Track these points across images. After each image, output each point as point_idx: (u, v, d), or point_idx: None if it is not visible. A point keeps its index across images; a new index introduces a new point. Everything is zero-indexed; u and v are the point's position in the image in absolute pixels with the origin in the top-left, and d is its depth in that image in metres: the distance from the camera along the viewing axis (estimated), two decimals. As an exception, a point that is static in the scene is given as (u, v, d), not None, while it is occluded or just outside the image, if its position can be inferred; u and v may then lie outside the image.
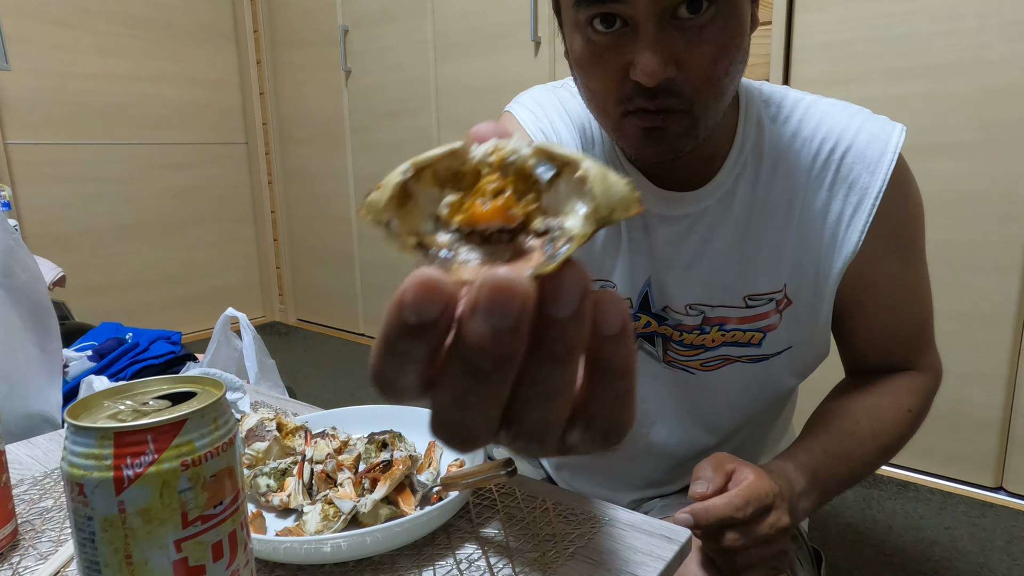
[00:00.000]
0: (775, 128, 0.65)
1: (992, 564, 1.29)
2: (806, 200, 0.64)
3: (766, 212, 0.65)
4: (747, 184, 0.65)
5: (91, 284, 2.67)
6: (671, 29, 0.52)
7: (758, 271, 0.66)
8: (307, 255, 3.15)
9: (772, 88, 0.68)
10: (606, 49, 0.54)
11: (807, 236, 0.64)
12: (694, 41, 0.53)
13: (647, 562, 0.47)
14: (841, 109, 0.66)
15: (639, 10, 0.51)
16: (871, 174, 0.62)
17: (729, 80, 0.56)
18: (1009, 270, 1.44)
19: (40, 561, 0.48)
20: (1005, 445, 1.51)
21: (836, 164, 0.63)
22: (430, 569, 0.47)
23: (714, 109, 0.57)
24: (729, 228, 0.65)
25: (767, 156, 0.64)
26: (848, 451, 0.65)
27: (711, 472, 0.58)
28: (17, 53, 2.42)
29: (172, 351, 1.26)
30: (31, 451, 0.67)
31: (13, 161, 2.45)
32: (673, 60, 0.53)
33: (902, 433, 0.67)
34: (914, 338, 0.70)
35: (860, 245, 0.63)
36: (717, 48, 0.53)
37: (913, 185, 0.66)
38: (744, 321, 0.67)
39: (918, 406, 0.68)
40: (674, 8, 0.51)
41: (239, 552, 0.34)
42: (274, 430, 0.62)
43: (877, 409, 0.66)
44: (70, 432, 0.30)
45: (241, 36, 3.05)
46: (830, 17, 1.57)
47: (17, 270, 0.85)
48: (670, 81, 0.53)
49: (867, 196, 0.62)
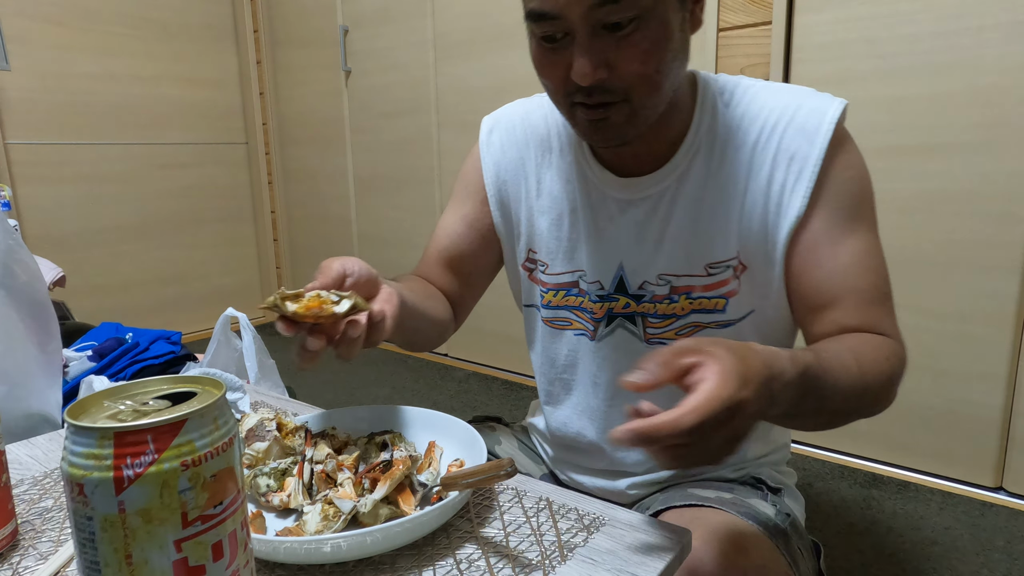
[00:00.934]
0: (727, 112, 0.72)
1: (992, 564, 1.29)
2: (752, 173, 0.70)
3: (718, 187, 0.71)
4: (701, 163, 0.72)
5: (91, 284, 2.67)
6: (602, 38, 0.61)
7: (715, 240, 0.72)
8: (307, 255, 3.15)
9: (727, 78, 0.75)
10: (552, 53, 0.64)
11: (755, 206, 0.70)
12: (622, 47, 0.61)
13: (647, 562, 0.47)
14: (786, 90, 0.71)
15: (573, 23, 0.60)
16: (810, 144, 0.67)
17: (663, 76, 0.64)
18: (1009, 270, 1.44)
19: (40, 561, 0.48)
20: (1005, 445, 1.51)
21: (779, 138, 0.69)
22: (430, 569, 0.47)
23: (652, 101, 0.65)
24: (687, 203, 0.72)
25: (719, 137, 0.71)
26: (835, 369, 0.58)
27: (656, 366, 0.46)
28: (17, 53, 2.42)
29: (172, 351, 1.26)
30: (31, 451, 0.67)
31: (13, 161, 2.45)
32: (604, 64, 0.62)
33: (881, 380, 0.63)
34: (869, 305, 0.69)
35: (803, 210, 0.67)
36: (643, 52, 0.61)
37: (856, 156, 0.69)
38: (708, 288, 0.73)
39: (894, 362, 0.65)
40: (603, 21, 0.60)
41: (239, 552, 0.34)
42: (274, 430, 0.62)
43: (859, 347, 0.64)
44: (70, 432, 0.30)
45: (241, 36, 3.05)
46: (830, 17, 1.57)
47: (17, 270, 0.85)
48: (603, 81, 0.62)
49: (807, 164, 0.67)
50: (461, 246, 0.86)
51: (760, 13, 1.67)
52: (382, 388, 2.35)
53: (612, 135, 0.67)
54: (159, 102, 2.82)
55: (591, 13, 0.59)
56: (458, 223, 0.86)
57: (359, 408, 0.69)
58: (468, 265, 0.86)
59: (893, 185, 1.55)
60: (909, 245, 1.55)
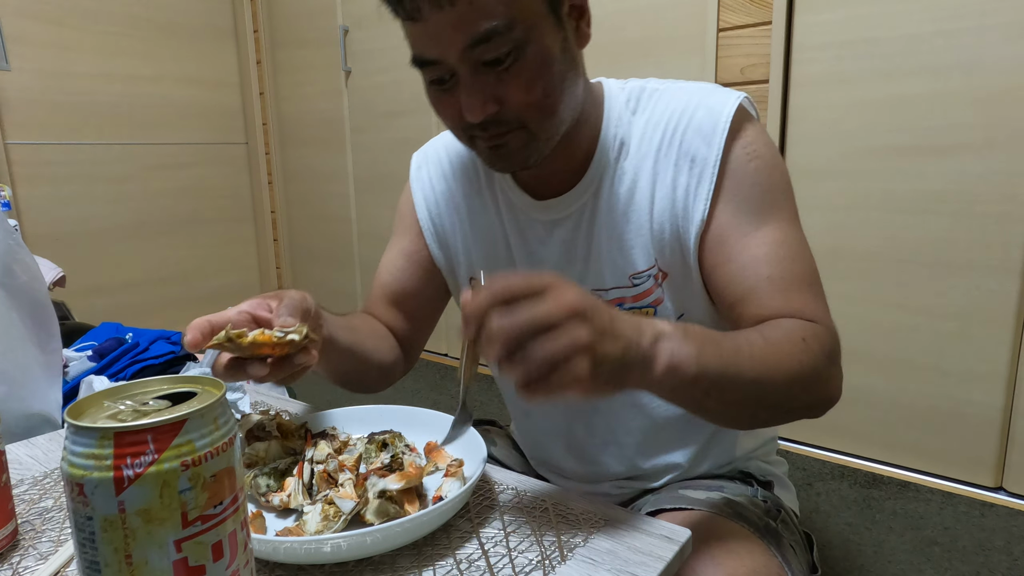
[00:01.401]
0: (634, 119, 0.72)
1: (992, 564, 1.29)
2: (659, 179, 0.70)
3: (631, 197, 0.71)
4: (612, 175, 0.72)
5: (91, 284, 2.67)
6: (485, 74, 0.61)
7: (635, 251, 0.72)
8: (307, 255, 3.15)
9: (636, 84, 0.75)
10: (444, 94, 0.65)
11: (664, 212, 0.70)
12: (505, 80, 0.61)
13: (647, 562, 0.47)
14: (686, 91, 0.71)
15: (454, 65, 0.61)
16: (708, 145, 0.67)
17: (554, 99, 0.64)
18: (1009, 270, 1.44)
19: (40, 561, 0.48)
20: (1005, 445, 1.51)
21: (679, 141, 0.68)
22: (430, 569, 0.47)
23: (549, 124, 0.65)
24: (605, 217, 0.72)
25: (626, 146, 0.72)
26: (734, 337, 0.57)
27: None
28: (17, 53, 2.42)
29: (172, 351, 1.26)
30: (31, 451, 0.67)
31: (13, 161, 2.45)
32: (492, 99, 0.62)
33: (801, 359, 0.58)
34: (787, 292, 0.65)
35: (706, 212, 0.67)
36: (527, 82, 0.62)
37: (761, 146, 0.68)
38: (636, 299, 0.73)
39: (813, 344, 0.60)
40: (481, 59, 0.60)
41: (239, 552, 0.34)
42: (274, 430, 0.62)
43: (767, 327, 0.61)
44: (70, 432, 0.30)
45: (241, 36, 3.05)
46: (830, 17, 1.57)
47: (17, 270, 0.85)
48: (495, 114, 0.63)
49: (707, 166, 0.67)
50: (403, 281, 0.86)
51: (760, 13, 1.67)
52: (382, 388, 2.34)
53: (513, 161, 0.67)
54: (159, 102, 2.82)
55: (467, 54, 0.60)
56: (398, 258, 0.86)
57: (359, 408, 0.69)
58: (412, 300, 0.86)
59: (893, 185, 1.55)
60: (909, 245, 1.55)
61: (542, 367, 0.44)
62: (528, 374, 0.44)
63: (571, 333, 0.44)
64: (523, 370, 0.44)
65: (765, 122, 1.70)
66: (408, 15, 0.61)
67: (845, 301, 1.65)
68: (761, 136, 0.69)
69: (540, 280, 0.46)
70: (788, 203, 0.69)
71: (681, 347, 0.50)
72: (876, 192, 1.57)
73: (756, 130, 0.69)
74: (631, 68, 1.89)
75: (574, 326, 0.45)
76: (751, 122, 0.69)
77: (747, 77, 1.72)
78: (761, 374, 0.55)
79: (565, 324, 0.44)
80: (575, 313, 0.45)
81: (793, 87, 1.65)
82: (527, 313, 0.44)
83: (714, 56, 1.75)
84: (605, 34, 1.92)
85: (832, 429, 1.73)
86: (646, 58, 1.87)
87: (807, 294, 0.65)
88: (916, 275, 1.54)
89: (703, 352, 0.51)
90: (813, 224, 1.67)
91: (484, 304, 0.45)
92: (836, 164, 1.62)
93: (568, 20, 0.65)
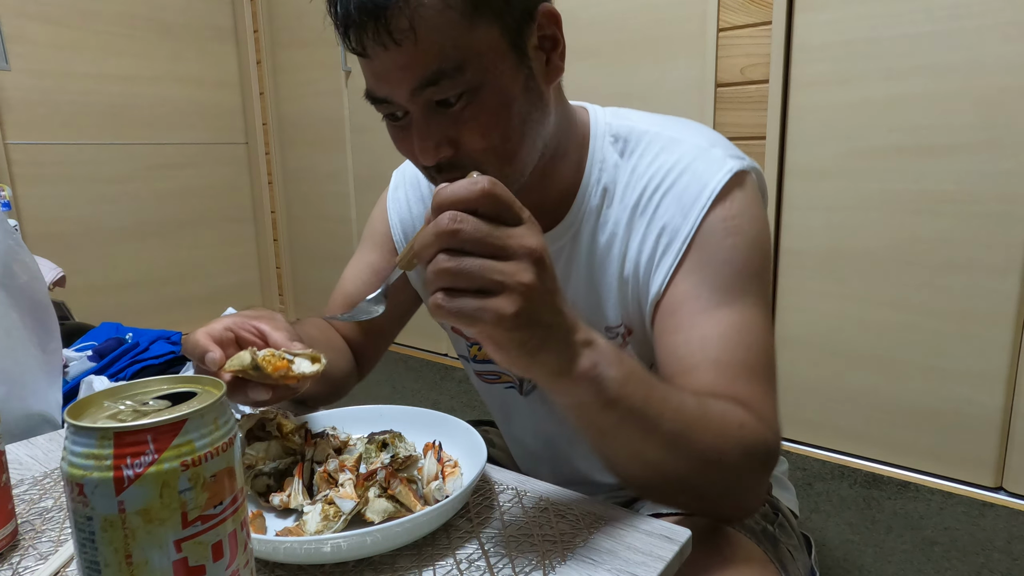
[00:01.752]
0: (621, 163, 0.67)
1: (992, 564, 1.29)
2: (629, 237, 0.66)
3: (607, 248, 0.67)
4: (591, 221, 0.68)
5: (91, 284, 2.67)
6: (438, 115, 0.57)
7: (608, 304, 0.68)
8: (307, 255, 3.15)
9: (622, 123, 0.69)
10: (400, 130, 0.61)
11: (630, 272, 0.66)
12: (460, 123, 0.57)
13: (647, 562, 0.47)
14: (680, 144, 0.65)
15: (405, 105, 0.57)
16: (683, 217, 0.62)
17: (513, 144, 0.59)
18: (1009, 270, 1.44)
19: (40, 561, 0.48)
20: (1005, 445, 1.51)
21: (656, 204, 0.64)
22: (430, 569, 0.47)
23: (510, 170, 0.60)
24: (581, 264, 0.69)
25: (610, 194, 0.67)
26: (668, 389, 0.52)
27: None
28: (17, 53, 2.42)
29: (172, 351, 1.26)
30: (31, 451, 0.67)
31: (13, 161, 2.45)
32: (446, 141, 0.58)
33: (725, 439, 0.52)
34: (733, 380, 0.58)
35: (666, 283, 0.63)
36: (482, 126, 0.57)
37: (745, 223, 0.62)
38: None
39: (747, 436, 0.53)
40: (432, 100, 0.57)
41: (239, 552, 0.34)
42: (274, 430, 0.62)
43: (710, 397, 0.55)
44: (70, 432, 0.30)
45: (241, 36, 3.05)
46: (830, 17, 1.57)
47: (17, 270, 0.85)
48: (450, 157, 0.59)
49: (676, 239, 0.62)
50: (366, 294, 0.84)
51: (760, 13, 1.67)
52: (382, 388, 2.34)
53: None
54: (159, 102, 2.82)
55: (415, 96, 0.56)
56: (364, 271, 0.85)
57: (359, 408, 0.69)
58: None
59: (893, 185, 1.55)
60: (909, 245, 1.55)
61: (470, 283, 0.40)
62: (453, 283, 0.41)
63: (518, 268, 0.41)
64: (448, 278, 0.41)
65: (764, 123, 1.70)
66: (355, 51, 0.57)
67: (845, 301, 1.65)
68: (749, 209, 0.63)
69: (522, 211, 0.43)
70: (759, 286, 0.62)
71: (608, 366, 0.47)
72: (876, 192, 1.57)
73: (745, 202, 0.63)
74: (631, 68, 1.89)
75: (525, 266, 0.41)
76: (743, 191, 0.63)
77: (747, 77, 1.72)
78: (679, 436, 0.50)
79: (517, 258, 0.41)
80: (532, 256, 0.42)
81: (793, 87, 1.65)
82: (487, 227, 0.41)
83: (714, 56, 1.75)
84: (605, 34, 1.92)
85: (832, 429, 1.73)
86: (646, 58, 1.87)
87: (757, 387, 0.58)
88: (916, 275, 1.54)
89: (628, 382, 0.47)
90: (813, 224, 1.68)
91: (460, 198, 0.41)
92: (836, 164, 1.62)
93: (536, 55, 0.60)
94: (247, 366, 0.53)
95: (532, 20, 0.59)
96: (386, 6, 0.53)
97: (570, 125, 0.68)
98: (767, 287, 0.63)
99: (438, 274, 0.41)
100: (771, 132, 1.69)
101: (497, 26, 0.56)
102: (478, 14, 0.55)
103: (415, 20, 0.53)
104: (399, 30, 0.53)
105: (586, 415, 0.49)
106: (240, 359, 0.53)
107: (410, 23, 0.53)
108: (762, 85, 1.69)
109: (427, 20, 0.53)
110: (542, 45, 0.60)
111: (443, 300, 0.41)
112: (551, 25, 0.60)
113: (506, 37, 0.57)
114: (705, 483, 0.53)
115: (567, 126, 0.67)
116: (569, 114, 0.68)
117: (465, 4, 0.54)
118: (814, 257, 1.69)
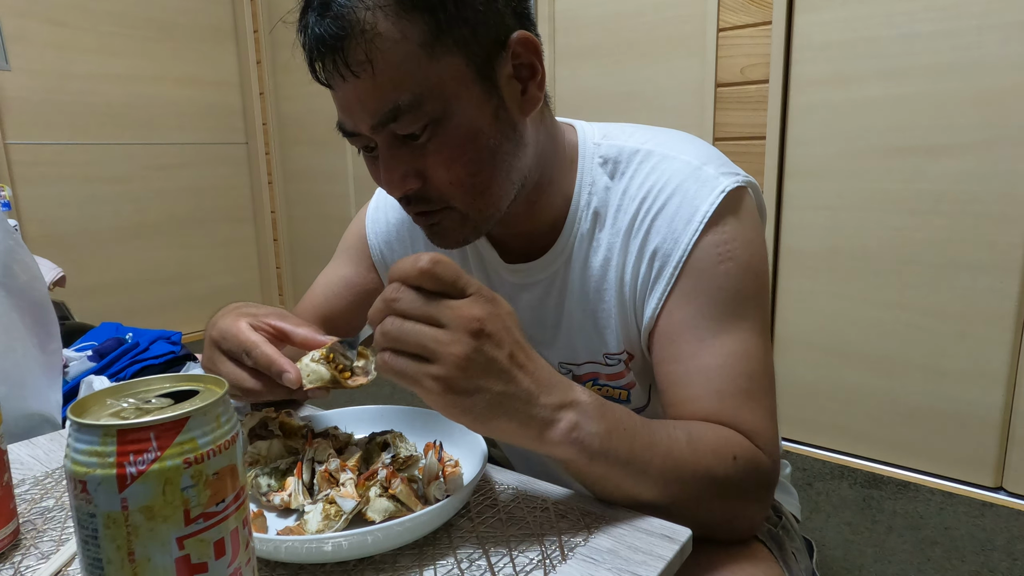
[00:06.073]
0: (612, 186, 0.65)
1: (992, 564, 1.29)
2: (622, 261, 0.64)
3: (604, 274, 0.66)
4: (584, 246, 0.66)
5: (91, 284, 2.67)
6: (403, 148, 0.57)
7: (608, 331, 0.67)
8: (307, 255, 3.15)
9: (612, 144, 0.67)
10: (372, 161, 0.61)
11: (625, 296, 0.65)
12: (425, 155, 0.57)
13: (647, 562, 0.47)
14: (673, 162, 0.63)
15: (371, 138, 0.57)
16: (674, 242, 0.60)
17: (483, 178, 0.58)
18: (1009, 270, 1.44)
19: (41, 560, 0.48)
20: (1005, 445, 1.51)
21: (647, 228, 0.62)
22: (431, 568, 0.47)
23: (482, 204, 0.59)
24: (577, 290, 0.67)
25: (602, 217, 0.66)
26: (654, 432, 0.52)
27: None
28: (17, 53, 2.42)
29: (172, 351, 1.26)
30: (32, 451, 0.67)
31: (13, 161, 2.45)
32: (413, 174, 0.57)
33: (718, 471, 0.53)
34: (738, 411, 0.58)
35: (659, 309, 0.61)
36: (447, 159, 0.56)
37: (739, 246, 0.60)
38: (611, 378, 0.69)
39: (742, 465, 0.54)
40: (396, 133, 0.56)
41: (241, 550, 0.34)
42: (277, 429, 0.62)
43: (700, 428, 0.55)
44: (73, 429, 0.30)
45: (241, 36, 3.05)
46: (830, 17, 1.57)
47: (17, 270, 0.85)
48: (418, 190, 0.58)
49: (668, 264, 0.61)
50: (337, 306, 0.83)
51: (760, 13, 1.67)
52: (382, 388, 2.34)
53: (450, 240, 0.62)
54: (159, 102, 2.82)
55: (378, 130, 0.56)
56: (337, 283, 0.83)
57: (359, 408, 0.69)
58: (342, 326, 0.83)
59: (893, 185, 1.55)
60: (909, 245, 1.55)
61: (407, 347, 0.44)
62: (394, 344, 0.44)
63: (452, 338, 0.43)
64: (390, 340, 0.44)
65: (764, 126, 1.70)
66: (320, 82, 0.57)
67: (845, 301, 1.65)
68: (744, 233, 0.61)
69: (468, 285, 0.45)
70: (756, 311, 0.61)
71: (589, 423, 0.48)
72: (876, 192, 1.58)
73: (739, 226, 0.61)
74: (631, 68, 1.89)
75: (458, 337, 0.43)
76: (737, 215, 0.61)
77: (747, 77, 1.72)
78: (671, 478, 0.51)
79: (451, 329, 0.43)
80: (469, 328, 0.43)
81: (793, 87, 1.66)
82: (422, 300, 0.44)
83: (714, 56, 1.75)
84: (605, 34, 1.92)
85: (832, 429, 1.74)
86: (646, 58, 1.87)
87: (757, 412, 0.58)
88: (916, 275, 1.55)
89: (612, 435, 0.48)
90: (813, 224, 1.68)
91: (403, 273, 0.44)
92: (836, 164, 1.62)
93: (509, 84, 0.58)
94: (326, 381, 0.54)
95: (504, 48, 0.57)
96: (344, 36, 0.53)
97: (557, 149, 0.66)
98: (765, 308, 0.62)
99: (383, 335, 0.45)
100: (771, 132, 1.69)
101: (461, 56, 0.54)
102: (439, 44, 0.53)
103: (371, 52, 0.52)
104: (356, 62, 0.53)
105: (572, 468, 0.50)
106: (319, 375, 0.54)
107: (367, 55, 0.52)
108: (762, 85, 1.69)
109: (384, 52, 0.53)
110: (517, 74, 0.58)
111: (388, 358, 0.45)
112: (528, 53, 0.58)
113: (472, 67, 0.55)
114: (702, 514, 0.54)
115: (553, 151, 0.65)
116: (557, 138, 0.66)
117: (425, 35, 0.53)
118: (814, 257, 1.69)
